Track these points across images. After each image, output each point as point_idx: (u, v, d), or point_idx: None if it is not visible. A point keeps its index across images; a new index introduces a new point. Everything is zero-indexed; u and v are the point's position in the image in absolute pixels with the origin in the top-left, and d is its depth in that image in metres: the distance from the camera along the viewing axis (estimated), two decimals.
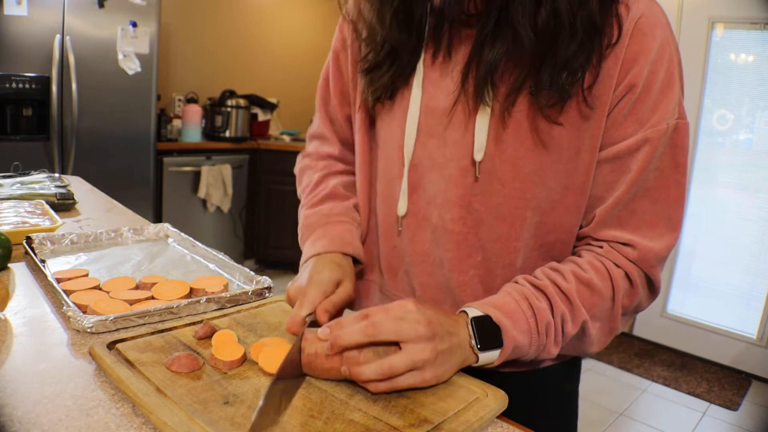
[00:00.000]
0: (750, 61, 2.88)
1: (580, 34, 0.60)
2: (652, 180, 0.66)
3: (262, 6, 4.21)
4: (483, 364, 0.62)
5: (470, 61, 0.66)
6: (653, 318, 3.26)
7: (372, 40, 0.73)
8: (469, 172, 0.69)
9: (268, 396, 0.50)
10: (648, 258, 0.66)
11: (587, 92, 0.63)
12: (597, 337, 0.68)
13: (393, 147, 0.76)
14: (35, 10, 2.56)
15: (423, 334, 0.57)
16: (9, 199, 1.26)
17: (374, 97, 0.75)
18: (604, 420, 2.44)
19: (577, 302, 0.64)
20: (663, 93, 0.63)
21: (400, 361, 0.56)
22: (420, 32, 0.71)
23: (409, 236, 0.76)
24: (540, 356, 0.65)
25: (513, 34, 0.61)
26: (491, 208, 0.70)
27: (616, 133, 0.65)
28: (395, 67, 0.72)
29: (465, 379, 0.63)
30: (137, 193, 3.06)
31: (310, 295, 0.67)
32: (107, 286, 0.82)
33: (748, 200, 2.94)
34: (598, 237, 0.69)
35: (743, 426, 2.48)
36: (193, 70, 3.90)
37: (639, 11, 0.62)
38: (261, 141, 3.76)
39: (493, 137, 0.67)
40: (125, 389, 0.55)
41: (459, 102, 0.69)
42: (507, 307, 0.63)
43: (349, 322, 0.59)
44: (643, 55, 0.62)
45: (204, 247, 1.02)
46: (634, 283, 0.67)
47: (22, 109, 2.64)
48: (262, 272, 2.75)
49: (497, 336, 0.61)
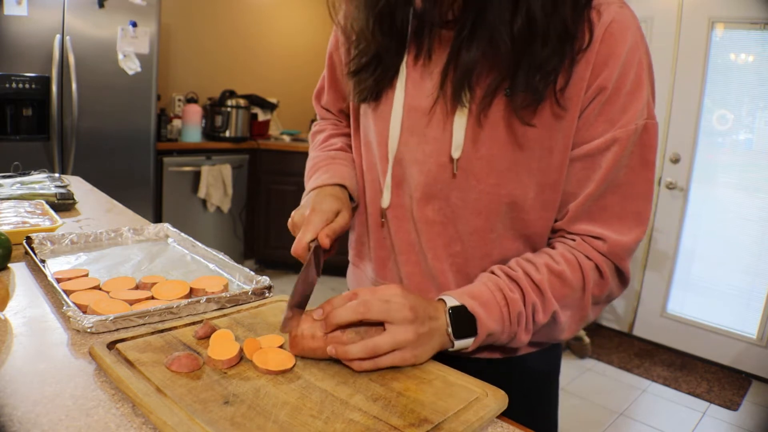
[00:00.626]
0: (750, 61, 2.88)
1: (553, 39, 0.63)
2: (621, 177, 0.69)
3: (262, 6, 4.21)
4: (458, 350, 0.67)
5: (448, 64, 0.70)
6: (653, 318, 3.26)
7: (358, 44, 0.77)
8: (447, 168, 0.73)
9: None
10: (617, 251, 0.70)
11: (560, 94, 0.66)
12: (567, 324, 0.73)
13: (379, 144, 0.81)
14: (35, 10, 2.56)
15: (407, 316, 0.62)
16: (9, 199, 1.26)
17: (360, 99, 0.80)
18: (604, 420, 2.44)
19: (549, 293, 0.69)
20: (632, 95, 0.67)
21: (384, 341, 0.61)
22: (402, 36, 0.74)
23: (395, 228, 0.81)
24: (511, 343, 0.71)
25: (489, 39, 0.64)
26: (468, 202, 0.74)
27: (587, 133, 0.69)
28: (379, 70, 0.76)
29: (465, 379, 0.63)
30: (137, 193, 3.06)
31: (313, 222, 0.74)
32: (107, 286, 0.82)
33: (748, 200, 2.94)
34: (571, 230, 0.73)
35: (743, 426, 2.48)
36: (193, 70, 3.90)
37: (610, 16, 0.65)
38: (261, 141, 3.76)
39: (470, 136, 0.71)
40: (125, 389, 0.55)
41: (438, 103, 0.72)
42: (482, 297, 0.67)
43: (339, 302, 0.64)
44: (613, 59, 0.65)
45: (204, 247, 1.02)
46: (604, 274, 0.71)
47: (22, 109, 2.64)
48: (262, 272, 2.75)
49: (472, 325, 0.66)
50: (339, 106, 0.97)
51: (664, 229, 3.19)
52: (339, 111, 0.98)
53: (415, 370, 0.64)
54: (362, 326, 0.63)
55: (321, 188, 0.82)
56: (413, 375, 0.63)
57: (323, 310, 0.64)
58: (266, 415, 0.53)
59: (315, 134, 1.01)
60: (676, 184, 3.12)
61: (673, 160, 3.12)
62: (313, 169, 0.89)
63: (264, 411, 0.54)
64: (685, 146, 3.07)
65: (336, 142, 0.94)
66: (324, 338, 0.63)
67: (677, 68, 3.05)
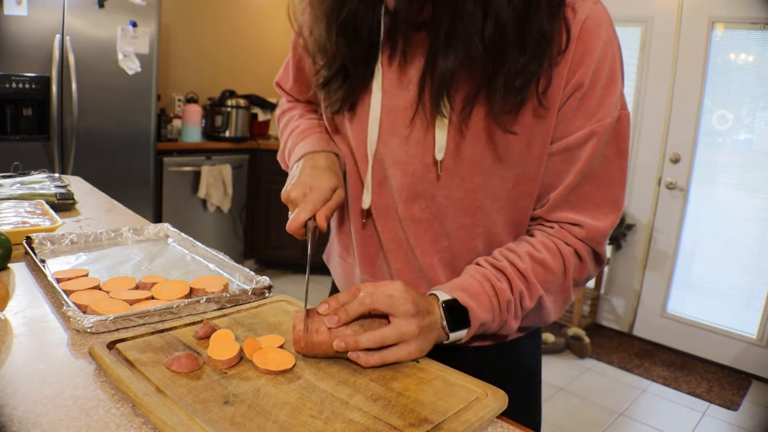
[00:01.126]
0: (750, 61, 2.88)
1: (531, 46, 0.63)
2: (597, 166, 0.72)
3: (262, 6, 4.21)
4: (452, 341, 0.69)
5: (425, 74, 0.69)
6: (653, 318, 3.26)
7: (323, 56, 0.75)
8: (431, 169, 0.74)
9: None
10: (595, 236, 0.73)
11: (542, 96, 0.67)
12: (552, 308, 0.76)
13: (357, 144, 0.80)
14: (35, 10, 2.56)
15: (409, 310, 0.64)
16: (9, 199, 1.26)
17: (332, 111, 0.78)
18: (604, 420, 2.44)
19: (533, 280, 0.71)
20: (607, 88, 0.69)
21: (391, 333, 0.63)
22: (372, 41, 0.72)
23: (382, 227, 0.81)
24: (501, 330, 0.73)
25: (464, 48, 0.64)
26: (454, 201, 0.75)
27: (566, 128, 0.70)
28: (349, 80, 0.75)
29: (465, 379, 0.63)
30: (137, 193, 3.06)
31: (310, 200, 0.73)
32: (107, 286, 0.82)
33: (748, 200, 2.94)
34: (550, 219, 0.76)
35: (743, 426, 2.48)
36: (193, 70, 3.90)
37: (584, 13, 0.66)
38: (261, 141, 3.76)
39: (453, 138, 0.71)
40: (125, 389, 0.55)
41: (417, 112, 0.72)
42: (471, 288, 0.70)
43: (346, 297, 0.66)
44: (588, 56, 0.67)
45: (204, 247, 1.02)
46: (583, 258, 0.74)
47: (22, 109, 2.64)
48: (261, 272, 2.75)
49: (465, 317, 0.68)
50: (305, 96, 0.93)
51: (664, 229, 3.19)
52: (306, 101, 0.94)
53: (414, 369, 0.64)
54: (366, 319, 0.65)
55: (314, 155, 0.80)
56: (413, 375, 0.63)
57: (329, 305, 0.65)
58: (266, 415, 0.53)
59: (286, 111, 0.96)
60: (676, 184, 3.12)
61: (673, 160, 3.12)
62: (302, 135, 0.85)
63: (264, 411, 0.54)
64: (685, 146, 3.07)
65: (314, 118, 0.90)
66: (329, 333, 0.63)
67: (677, 68, 3.05)
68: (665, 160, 3.15)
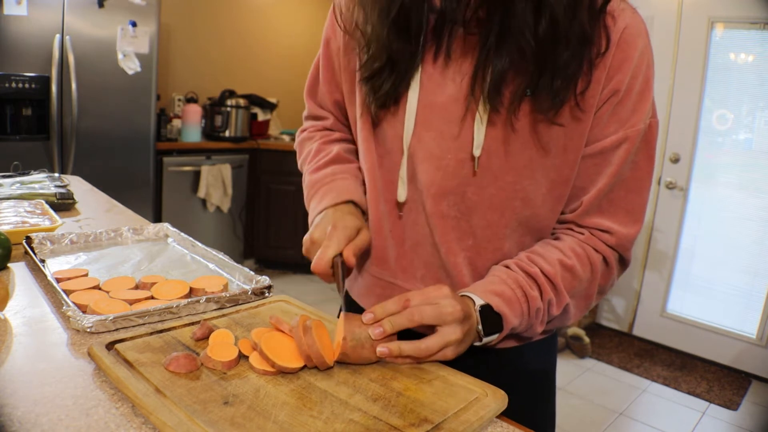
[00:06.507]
0: (750, 61, 2.88)
1: (573, 42, 0.65)
2: (628, 171, 0.74)
3: (262, 6, 4.20)
4: (483, 344, 0.71)
5: (477, 71, 0.70)
6: (653, 318, 3.26)
7: (369, 49, 0.76)
8: (467, 164, 0.74)
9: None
10: (624, 243, 0.75)
11: (580, 97, 0.68)
12: (574, 312, 0.77)
13: (393, 138, 0.80)
14: (35, 10, 2.56)
15: (457, 317, 0.65)
16: (9, 198, 1.26)
17: (378, 105, 0.78)
18: (604, 420, 2.44)
19: (562, 288, 0.73)
20: (641, 96, 0.71)
21: (435, 343, 0.65)
22: (418, 38, 0.73)
23: (411, 221, 0.81)
24: (526, 333, 0.75)
25: (516, 45, 0.65)
26: (484, 198, 0.75)
27: (600, 132, 0.72)
28: (395, 74, 0.75)
29: (465, 379, 0.63)
30: (137, 193, 3.06)
31: (336, 238, 0.73)
32: (107, 285, 0.82)
33: (748, 200, 2.94)
34: (582, 224, 0.77)
35: (743, 426, 2.48)
36: (193, 70, 3.90)
37: (624, 22, 0.68)
38: (261, 141, 3.76)
39: (491, 134, 0.72)
40: (124, 389, 0.55)
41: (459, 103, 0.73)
42: (505, 295, 0.71)
43: (392, 308, 0.66)
44: (626, 63, 0.69)
45: (204, 247, 1.02)
46: (611, 265, 0.76)
47: (22, 109, 2.64)
48: (261, 272, 2.75)
49: (499, 323, 0.70)
50: (334, 98, 0.92)
51: (664, 228, 3.19)
52: (334, 103, 0.93)
53: (415, 369, 0.64)
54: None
55: (334, 207, 0.81)
56: (413, 375, 0.63)
57: (374, 315, 0.65)
58: (266, 416, 0.53)
59: (303, 142, 0.97)
60: (676, 184, 3.12)
61: (673, 159, 3.12)
62: (313, 190, 0.86)
63: (264, 411, 0.54)
64: (685, 146, 3.07)
65: (330, 150, 0.90)
66: (372, 342, 0.64)
67: (677, 68, 3.05)
68: (665, 160, 3.15)
